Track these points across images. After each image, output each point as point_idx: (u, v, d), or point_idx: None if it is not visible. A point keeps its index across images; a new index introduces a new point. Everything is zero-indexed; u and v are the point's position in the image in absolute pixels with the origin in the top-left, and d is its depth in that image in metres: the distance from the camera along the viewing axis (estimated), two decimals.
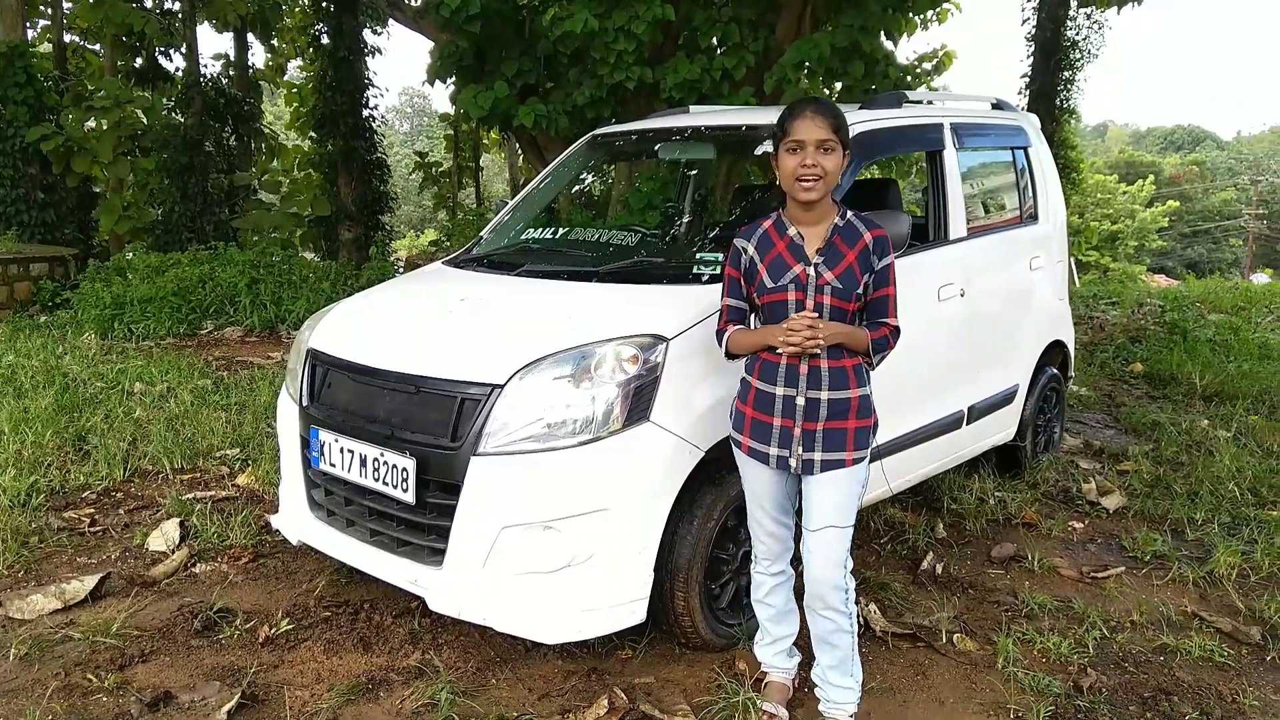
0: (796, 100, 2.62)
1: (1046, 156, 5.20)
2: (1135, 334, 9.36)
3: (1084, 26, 16.75)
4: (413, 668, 3.05)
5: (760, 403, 2.61)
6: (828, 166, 2.50)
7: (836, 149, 2.52)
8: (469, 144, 20.47)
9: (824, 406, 2.54)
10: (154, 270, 9.70)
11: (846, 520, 2.61)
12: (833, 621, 2.61)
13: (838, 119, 2.53)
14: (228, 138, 15.64)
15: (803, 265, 2.56)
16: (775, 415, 2.59)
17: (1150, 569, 3.97)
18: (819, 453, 2.56)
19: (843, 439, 2.57)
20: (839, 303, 2.54)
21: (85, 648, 3.11)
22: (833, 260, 2.55)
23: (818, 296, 2.54)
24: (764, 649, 2.90)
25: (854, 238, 2.58)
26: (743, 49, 9.82)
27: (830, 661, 2.65)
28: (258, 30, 16.81)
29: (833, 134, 2.50)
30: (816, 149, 2.49)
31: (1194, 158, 56.42)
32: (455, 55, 10.46)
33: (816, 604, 2.63)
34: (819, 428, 2.55)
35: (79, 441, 5.15)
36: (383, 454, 3.00)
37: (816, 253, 2.56)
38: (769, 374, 2.59)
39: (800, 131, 2.50)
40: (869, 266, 2.57)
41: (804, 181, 2.51)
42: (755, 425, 2.63)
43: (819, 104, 2.55)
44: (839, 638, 2.61)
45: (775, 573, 2.80)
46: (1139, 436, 6.05)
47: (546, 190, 4.53)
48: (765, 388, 2.60)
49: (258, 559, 3.87)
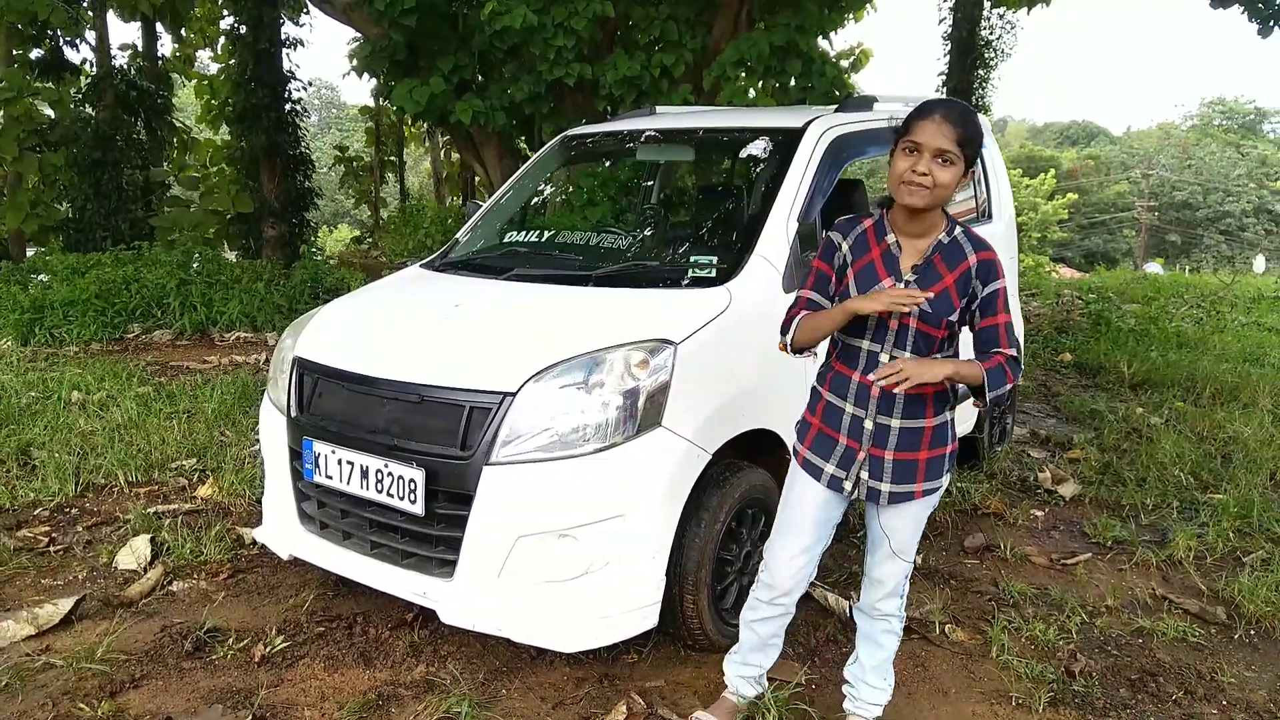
0: (930, 99, 2.32)
1: (997, 155, 5.39)
2: (1061, 324, 9.76)
3: (997, 26, 17.28)
4: (420, 682, 3.00)
5: (828, 417, 2.46)
6: (941, 179, 2.23)
7: (958, 163, 2.24)
8: (391, 138, 20.08)
9: (894, 435, 2.37)
10: (73, 271, 9.26)
11: (912, 554, 2.56)
12: (887, 621, 2.63)
13: (967, 129, 2.23)
14: (139, 131, 15.00)
15: (894, 280, 2.35)
16: (841, 433, 2.43)
17: (1114, 554, 4.16)
18: (887, 483, 2.41)
19: (913, 471, 2.41)
20: (925, 327, 2.32)
21: (70, 675, 2.97)
22: (927, 280, 2.32)
23: (904, 318, 2.32)
24: (733, 665, 2.79)
25: (958, 258, 2.33)
26: (681, 46, 9.88)
27: (874, 660, 2.66)
28: (167, 20, 16.14)
29: (956, 146, 2.22)
30: (934, 157, 2.22)
31: (1089, 152, 58.84)
32: (388, 49, 10.24)
33: (873, 610, 2.62)
34: (888, 456, 2.39)
35: (21, 455, 4.90)
36: (387, 465, 2.94)
37: (912, 269, 2.35)
38: (840, 387, 2.44)
39: (921, 134, 2.23)
40: (969, 292, 2.33)
41: (910, 185, 2.24)
42: (819, 438, 2.48)
43: (951, 108, 2.25)
44: (888, 639, 2.65)
45: (778, 604, 2.63)
46: (1079, 425, 6.31)
47: (520, 192, 4.49)
48: (835, 401, 2.44)
49: (236, 574, 3.74)
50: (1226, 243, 47.64)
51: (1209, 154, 52.55)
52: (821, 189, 3.67)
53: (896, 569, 2.56)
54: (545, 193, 4.88)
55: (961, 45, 15.46)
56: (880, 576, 2.58)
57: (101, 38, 13.26)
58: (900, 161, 2.27)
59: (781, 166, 3.64)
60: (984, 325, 2.36)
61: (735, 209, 4.02)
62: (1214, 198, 49.58)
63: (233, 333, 8.96)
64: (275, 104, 13.50)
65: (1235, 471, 5.07)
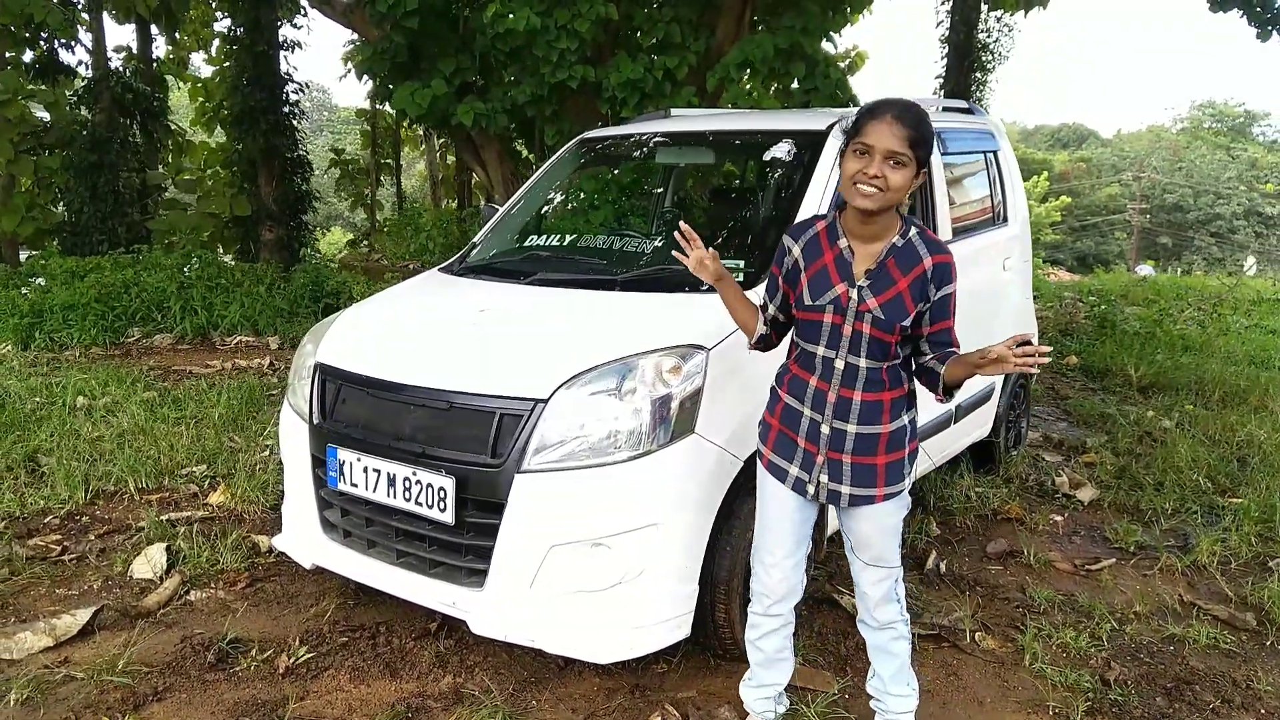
0: (880, 100, 2.28)
1: (1011, 159, 5.36)
2: (1065, 327, 9.76)
3: (994, 30, 17.31)
4: (448, 692, 2.95)
5: (786, 418, 2.45)
6: (893, 182, 2.19)
7: (909, 164, 2.20)
8: (387, 141, 20.00)
9: (850, 439, 2.36)
10: (72, 275, 9.17)
11: (893, 560, 2.50)
12: (892, 629, 2.58)
13: (920, 130, 2.20)
14: (135, 134, 14.89)
15: (846, 285, 2.31)
16: (800, 436, 2.42)
17: (1137, 559, 4.14)
18: (847, 485, 2.39)
19: (872, 475, 2.38)
20: (879, 334, 2.30)
21: (92, 688, 2.91)
22: (880, 286, 2.30)
23: (857, 324, 2.30)
24: (749, 690, 2.73)
25: (911, 262, 2.30)
26: (684, 49, 9.87)
27: (890, 670, 2.62)
28: (162, 22, 16.04)
29: (908, 147, 2.18)
30: (885, 160, 2.19)
31: (1080, 155, 59.06)
32: (389, 51, 10.21)
33: (872, 620, 2.58)
34: (846, 460, 2.38)
35: (29, 462, 4.83)
36: (415, 473, 2.89)
37: (865, 274, 2.31)
38: (798, 391, 2.42)
39: (872, 135, 2.19)
40: (924, 296, 2.29)
41: (862, 188, 2.21)
42: (780, 439, 2.47)
43: (903, 108, 2.21)
44: (898, 645, 2.60)
45: (775, 614, 2.59)
46: (1090, 428, 6.29)
47: (537, 196, 4.45)
48: (793, 404, 2.43)
49: (254, 583, 3.69)
50: (1217, 245, 47.87)
51: (1199, 157, 52.82)
52: None
53: (879, 577, 2.52)
54: (562, 196, 4.83)
55: (959, 48, 15.45)
56: (865, 587, 2.55)
57: (98, 40, 13.15)
58: (851, 163, 2.24)
59: (807, 168, 3.61)
60: (935, 329, 2.35)
61: (759, 212, 3.99)
62: (1205, 200, 49.82)
63: (234, 337, 8.88)
64: (273, 107, 13.44)
65: (1253, 475, 5.06)
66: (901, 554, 2.56)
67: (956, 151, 4.64)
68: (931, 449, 4.26)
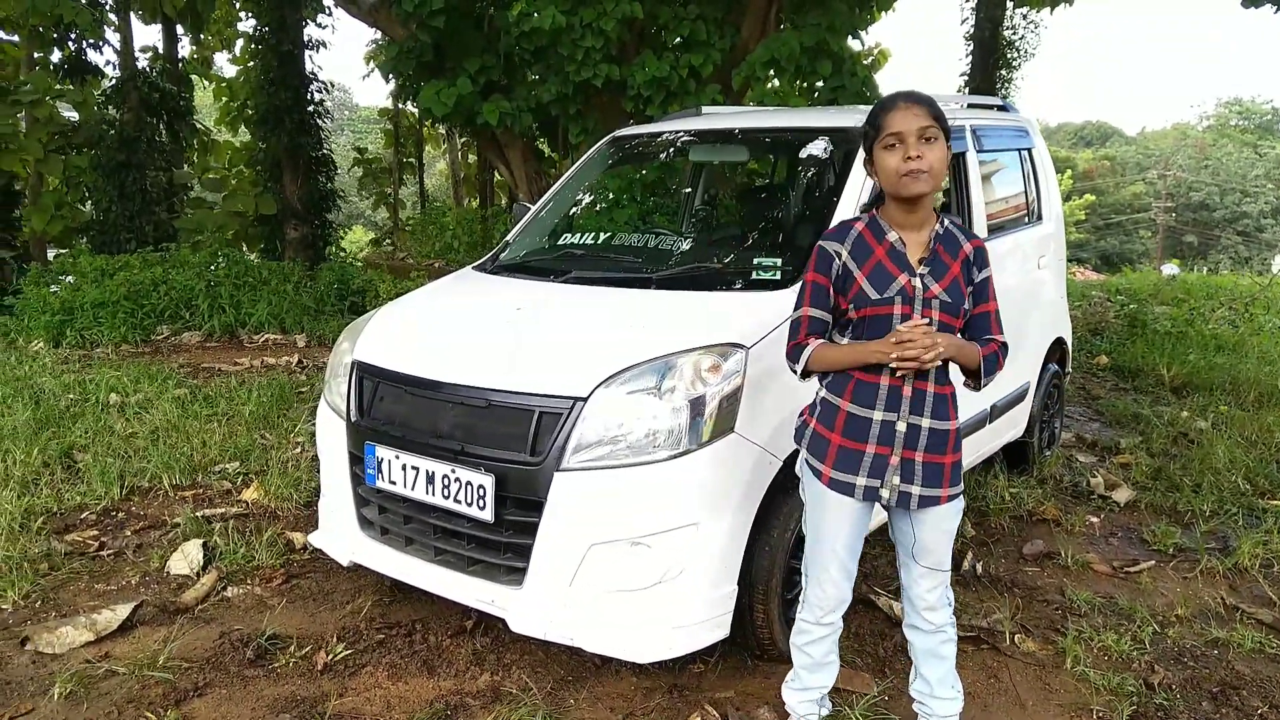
0: (887, 95, 2.37)
1: (1046, 156, 5.31)
2: (1094, 326, 9.66)
3: (1020, 26, 17.18)
4: (486, 690, 2.95)
5: (852, 429, 2.37)
6: (933, 157, 2.25)
7: (939, 138, 2.28)
8: (410, 139, 20.07)
9: (924, 435, 2.34)
10: (102, 273, 9.26)
11: (948, 564, 2.50)
12: (943, 633, 2.55)
13: (935, 106, 2.29)
14: (161, 134, 15.02)
15: (908, 275, 2.32)
16: (869, 442, 2.35)
17: (1176, 561, 4.08)
18: (918, 486, 2.36)
19: (940, 474, 2.37)
20: (948, 318, 2.32)
21: (133, 683, 2.93)
22: (938, 271, 2.33)
23: (925, 311, 2.30)
24: (792, 692, 2.70)
25: (955, 248, 2.37)
26: (709, 47, 9.82)
27: (938, 674, 2.59)
28: (187, 22, 16.17)
29: (932, 120, 2.26)
30: (919, 139, 2.25)
31: (1105, 153, 58.58)
32: (415, 50, 10.23)
33: (923, 625, 2.55)
34: (918, 458, 2.35)
35: (65, 459, 4.87)
36: (454, 470, 2.89)
37: (920, 262, 2.34)
38: (866, 397, 2.35)
39: (897, 123, 2.26)
40: (970, 279, 2.37)
41: (909, 175, 2.25)
42: (842, 454, 2.39)
43: (912, 94, 2.32)
44: (947, 648, 2.57)
45: (826, 624, 2.57)
46: (1123, 429, 6.22)
47: (569, 194, 4.44)
48: (860, 412, 2.35)
49: (290, 580, 3.70)
50: (1244, 243, 47.32)
51: (1226, 154, 52.24)
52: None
53: (936, 582, 2.50)
54: (594, 194, 4.82)
55: (984, 45, 15.36)
56: (920, 593, 2.51)
57: (125, 40, 13.28)
58: (888, 158, 2.29)
59: (844, 166, 3.58)
60: (977, 312, 2.41)
61: (795, 210, 3.96)
62: (1231, 198, 49.27)
63: (261, 334, 8.94)
64: (298, 106, 13.52)
65: None
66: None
67: (991, 149, 4.60)
68: (966, 449, 4.20)
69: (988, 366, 2.39)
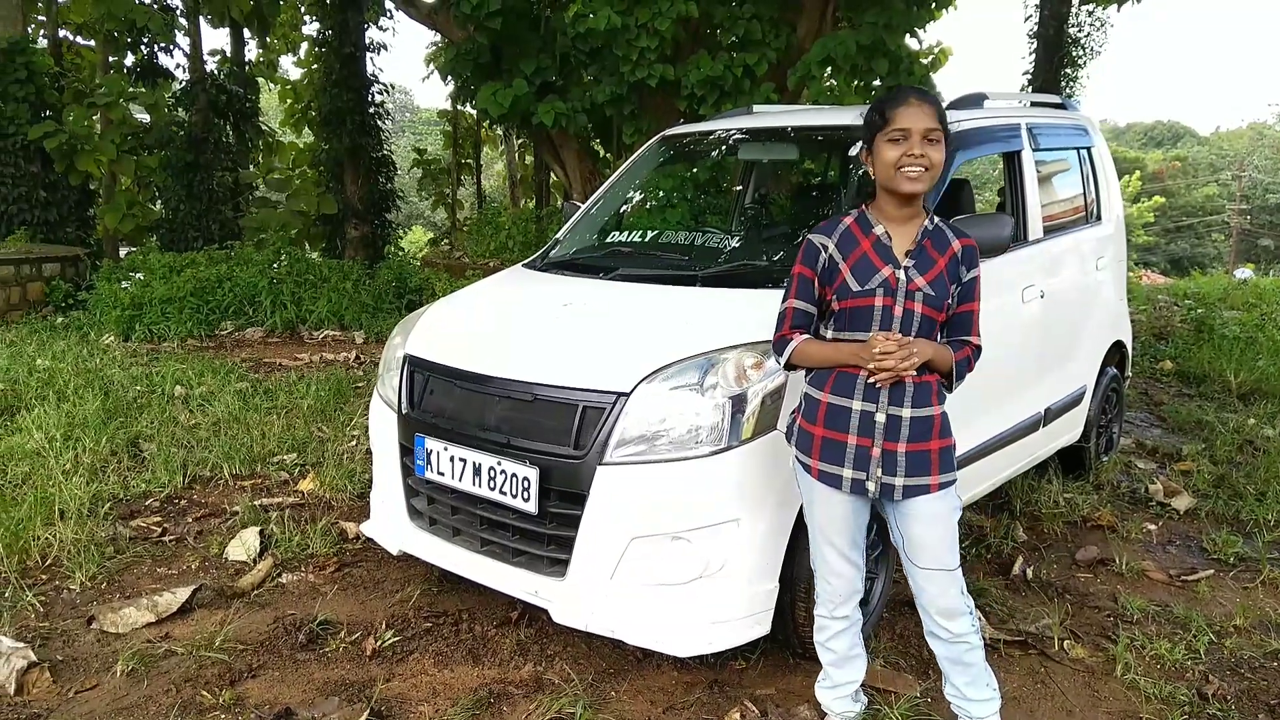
0: (897, 89, 2.44)
1: (1106, 156, 5.20)
2: (1159, 331, 9.42)
3: (1086, 24, 16.80)
4: (529, 680, 2.99)
5: (833, 419, 2.41)
6: (934, 158, 2.32)
7: (941, 140, 2.34)
8: (468, 141, 20.34)
9: (906, 425, 2.36)
10: (170, 270, 9.56)
11: (954, 561, 2.44)
12: (965, 642, 2.49)
13: (942, 109, 2.36)
14: (228, 134, 15.45)
15: (891, 268, 2.36)
16: (850, 433, 2.39)
17: (1237, 571, 3.97)
18: (900, 477, 2.37)
19: (927, 462, 2.38)
20: (930, 311, 2.36)
21: (191, 663, 3.03)
22: (924, 265, 2.37)
23: (908, 303, 2.35)
24: (824, 691, 2.72)
25: (943, 244, 2.41)
26: (764, 46, 9.79)
27: (965, 679, 2.54)
28: (254, 26, 16.60)
29: (939, 124, 2.33)
30: (923, 139, 2.31)
31: (1176, 153, 56.88)
32: (472, 52, 10.38)
33: (942, 633, 2.50)
34: (900, 449, 2.36)
35: (131, 447, 5.05)
36: (500, 463, 2.94)
37: (906, 255, 2.38)
38: (844, 387, 2.39)
39: (905, 119, 2.32)
40: (957, 277, 2.40)
41: (909, 170, 2.31)
42: (826, 445, 2.42)
43: (922, 93, 2.38)
44: (972, 655, 2.51)
45: (840, 617, 2.58)
46: (1187, 435, 6.06)
47: (619, 192, 4.47)
48: (839, 402, 2.39)
49: (342, 568, 3.79)
50: None
51: None
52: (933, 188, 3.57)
53: (942, 584, 2.44)
54: (644, 193, 4.85)
55: (1049, 43, 15.04)
56: (929, 599, 2.47)
57: (195, 44, 13.68)
58: (890, 151, 2.33)
59: None
60: (961, 310, 2.45)
61: (843, 208, 3.94)
62: None
63: (321, 331, 9.15)
64: (359, 108, 13.80)
65: None
66: (961, 556, 2.50)
67: (1048, 147, 4.52)
68: (1018, 453, 4.17)
69: (959, 370, 2.44)
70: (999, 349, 4.00)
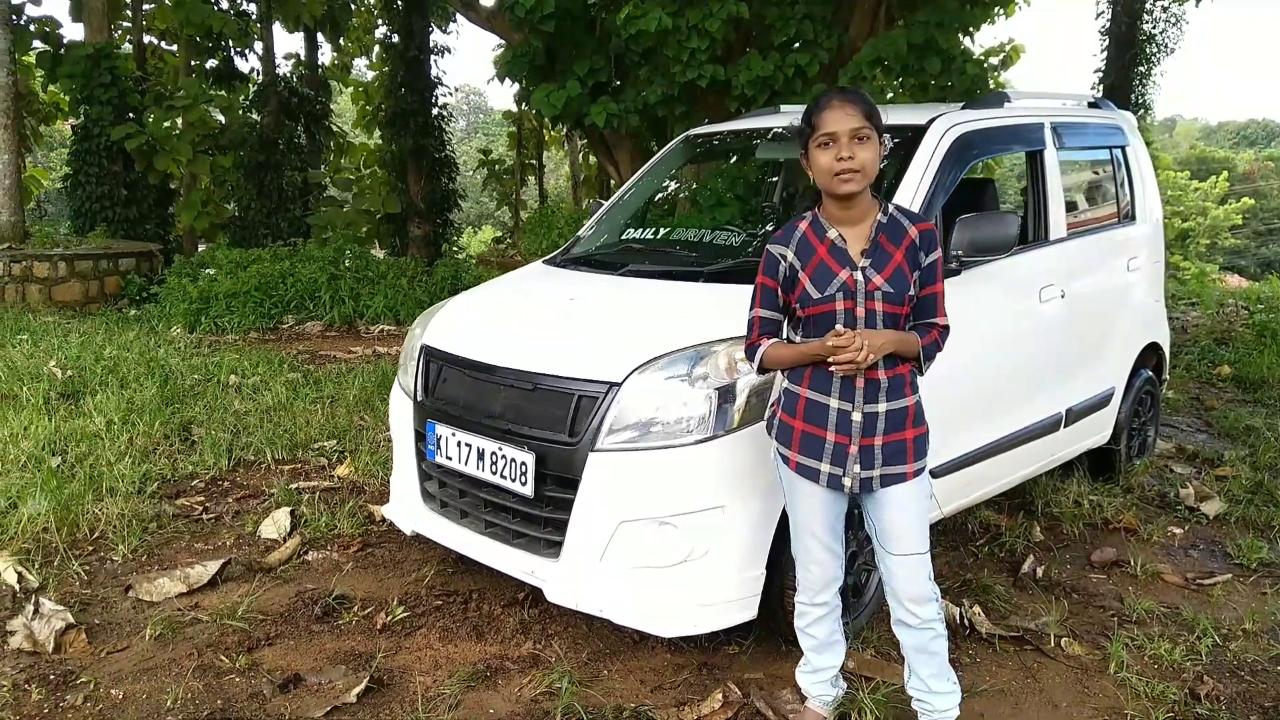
0: (821, 94, 2.46)
1: (1144, 155, 5.11)
2: (1220, 336, 9.15)
3: (1160, 20, 16.33)
4: (527, 657, 3.13)
5: (812, 415, 2.46)
6: (865, 157, 2.33)
7: (871, 136, 2.34)
8: (532, 141, 20.66)
9: (882, 419, 2.41)
10: (236, 266, 9.98)
11: (924, 545, 2.50)
12: (931, 629, 2.53)
13: (868, 105, 2.36)
14: (299, 135, 16.00)
15: (849, 270, 2.40)
16: (829, 430, 2.44)
17: (1258, 576, 3.90)
18: (878, 468, 2.43)
19: (903, 451, 2.44)
20: (891, 308, 2.40)
21: (214, 630, 3.24)
22: (880, 262, 2.40)
23: (869, 303, 2.38)
24: (804, 676, 2.78)
25: (899, 234, 2.42)
26: (816, 46, 9.77)
27: (931, 670, 2.58)
28: (327, 30, 17.15)
29: (865, 121, 2.33)
30: (851, 139, 2.32)
31: (1269, 153, 54.60)
32: (528, 54, 10.58)
33: (910, 619, 2.54)
34: (877, 442, 2.42)
35: (183, 432, 5.34)
36: (501, 448, 3.08)
37: (862, 254, 2.41)
38: (822, 384, 2.44)
39: (831, 123, 2.33)
40: (917, 263, 2.43)
41: (840, 174, 2.34)
42: (805, 439, 2.48)
43: (846, 93, 2.40)
44: (937, 644, 2.56)
45: (820, 603, 2.64)
46: (1233, 441, 5.91)
47: (642, 191, 4.58)
48: (818, 398, 2.45)
49: (365, 548, 3.98)
50: None
51: None
52: (944, 187, 3.61)
53: (913, 568, 2.49)
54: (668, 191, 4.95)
55: (1120, 40, 14.68)
56: (900, 584, 2.51)
57: (268, 48, 14.21)
58: (821, 157, 2.37)
59: (902, 165, 3.59)
60: (925, 294, 2.47)
61: None
62: None
63: (377, 325, 9.46)
64: (423, 109, 14.16)
65: None
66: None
67: (1074, 146, 4.49)
68: (1035, 452, 4.15)
69: (928, 353, 2.48)
70: (1012, 348, 4.02)
